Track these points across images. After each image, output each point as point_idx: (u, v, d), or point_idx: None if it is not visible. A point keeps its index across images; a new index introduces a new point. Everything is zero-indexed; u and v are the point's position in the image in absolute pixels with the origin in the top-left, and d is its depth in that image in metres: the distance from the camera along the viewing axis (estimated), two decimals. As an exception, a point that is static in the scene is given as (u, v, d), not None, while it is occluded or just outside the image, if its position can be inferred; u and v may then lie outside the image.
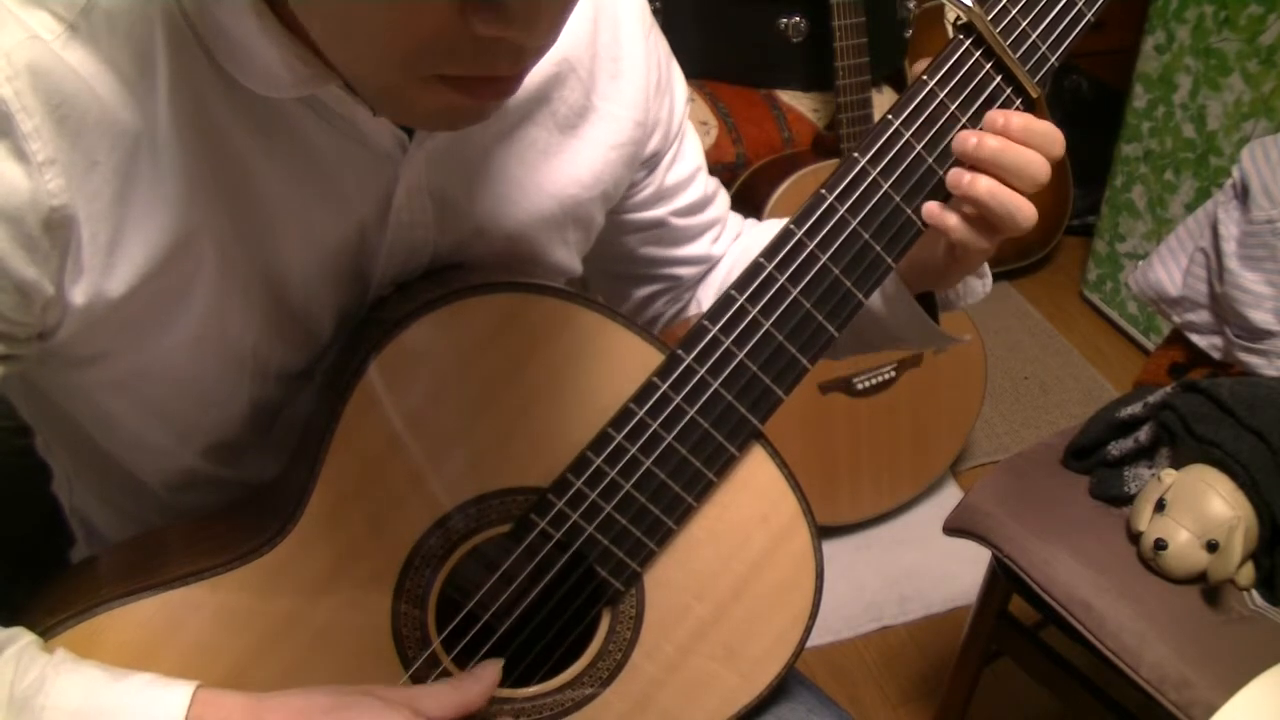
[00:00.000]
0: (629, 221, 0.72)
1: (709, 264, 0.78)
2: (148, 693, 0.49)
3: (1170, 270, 1.31)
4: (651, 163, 0.70)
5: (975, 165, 0.57)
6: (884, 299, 0.69)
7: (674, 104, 0.70)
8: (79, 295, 0.49)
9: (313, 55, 0.48)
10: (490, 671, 0.58)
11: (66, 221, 0.47)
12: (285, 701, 0.51)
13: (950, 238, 0.59)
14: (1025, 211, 0.57)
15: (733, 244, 0.78)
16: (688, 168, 0.73)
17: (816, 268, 0.58)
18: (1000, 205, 0.57)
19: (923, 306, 0.69)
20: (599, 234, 0.70)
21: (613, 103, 0.64)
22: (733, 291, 0.58)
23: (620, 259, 0.75)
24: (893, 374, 1.66)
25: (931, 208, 0.58)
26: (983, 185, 0.57)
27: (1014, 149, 0.57)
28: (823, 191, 0.57)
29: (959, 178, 0.58)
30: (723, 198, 0.78)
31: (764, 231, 0.78)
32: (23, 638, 0.50)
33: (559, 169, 0.63)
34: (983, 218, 0.58)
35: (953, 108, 0.57)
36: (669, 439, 0.59)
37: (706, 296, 0.78)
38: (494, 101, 0.47)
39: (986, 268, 0.71)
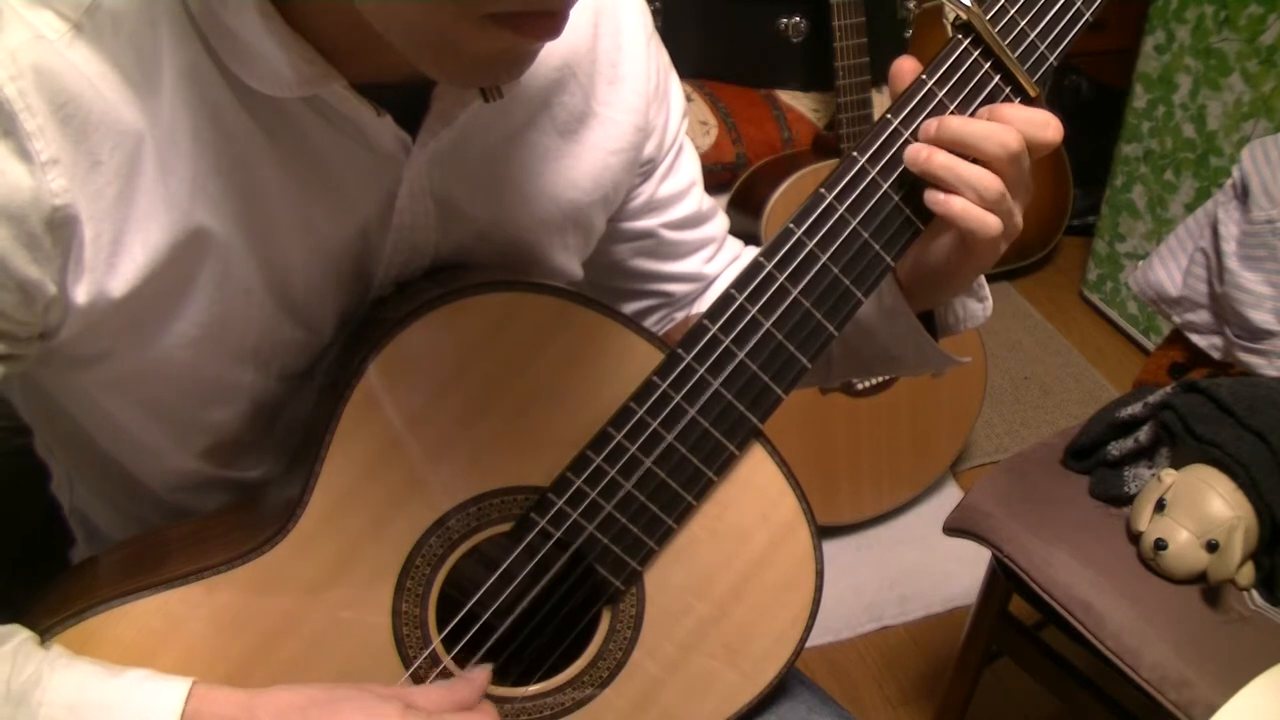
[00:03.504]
0: (620, 230, 0.72)
1: (702, 283, 0.77)
2: (144, 687, 0.49)
3: (1170, 270, 1.31)
4: (645, 170, 0.70)
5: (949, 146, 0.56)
6: (882, 313, 0.67)
7: (670, 113, 0.69)
8: (81, 295, 0.49)
9: (317, 54, 0.48)
10: (482, 675, 0.58)
11: (69, 221, 0.47)
12: (278, 695, 0.51)
13: (958, 225, 0.57)
14: (979, 178, 0.55)
15: (730, 266, 0.77)
16: (682, 181, 0.72)
17: (816, 267, 0.58)
18: (955, 177, 0.55)
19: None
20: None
21: (612, 108, 0.64)
22: (732, 290, 0.58)
23: (611, 271, 0.75)
24: (893, 374, 1.66)
25: (933, 195, 0.57)
26: (939, 159, 0.55)
27: (973, 123, 0.55)
28: (822, 191, 0.57)
29: (916, 153, 0.56)
30: (720, 218, 0.77)
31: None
32: (19, 634, 0.50)
33: (560, 173, 0.63)
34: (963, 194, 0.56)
35: (952, 107, 0.57)
36: (669, 438, 0.59)
37: None
38: (541, 42, 0.46)
39: (986, 290, 0.70)
